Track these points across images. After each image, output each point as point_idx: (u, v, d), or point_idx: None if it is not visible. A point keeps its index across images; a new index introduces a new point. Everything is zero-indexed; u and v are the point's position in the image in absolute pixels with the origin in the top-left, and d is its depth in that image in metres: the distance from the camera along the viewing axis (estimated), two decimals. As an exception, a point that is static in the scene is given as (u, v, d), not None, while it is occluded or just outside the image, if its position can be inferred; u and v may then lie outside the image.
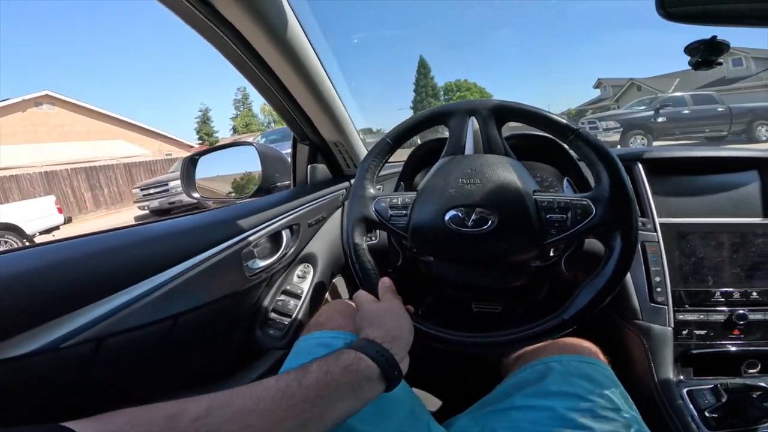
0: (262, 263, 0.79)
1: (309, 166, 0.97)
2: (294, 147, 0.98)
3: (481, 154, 0.59)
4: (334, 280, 1.05)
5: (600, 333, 0.86)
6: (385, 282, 0.59)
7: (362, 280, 0.61)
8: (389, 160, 0.67)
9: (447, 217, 0.56)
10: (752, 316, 0.73)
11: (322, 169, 1.00)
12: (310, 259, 0.93)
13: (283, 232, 0.85)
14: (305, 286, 0.89)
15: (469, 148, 0.60)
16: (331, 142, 0.95)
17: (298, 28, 0.71)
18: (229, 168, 1.04)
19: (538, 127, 0.57)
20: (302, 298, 0.88)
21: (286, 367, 0.58)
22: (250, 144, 0.99)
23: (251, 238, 0.76)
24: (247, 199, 0.98)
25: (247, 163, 0.99)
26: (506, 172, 0.56)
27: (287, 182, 1.02)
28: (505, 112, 0.59)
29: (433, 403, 1.03)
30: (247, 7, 0.60)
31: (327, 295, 1.00)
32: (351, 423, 0.48)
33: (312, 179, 0.98)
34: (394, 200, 0.61)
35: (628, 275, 0.77)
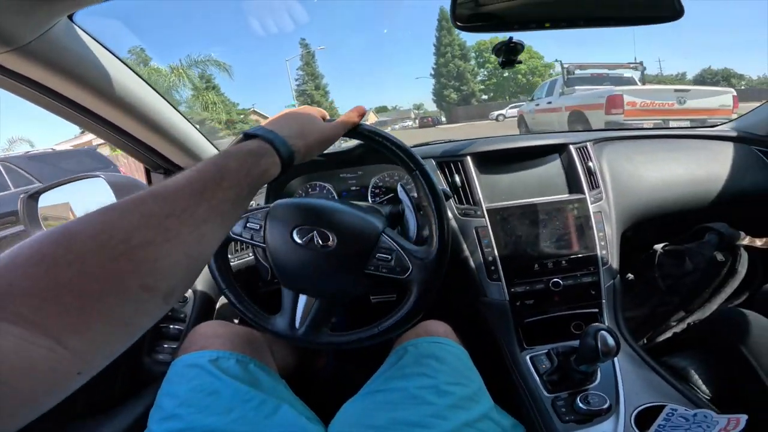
0: None
1: (168, 194, 0.94)
2: (148, 177, 0.94)
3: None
4: (222, 299, 1.06)
5: (458, 312, 0.98)
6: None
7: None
8: None
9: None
10: (564, 283, 0.83)
11: (184, 193, 0.97)
12: None
13: None
14: (187, 310, 0.90)
15: None
16: (186, 166, 0.93)
17: (111, 63, 0.68)
18: (78, 203, 0.97)
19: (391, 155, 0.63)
20: (186, 321, 0.89)
21: (161, 394, 0.61)
22: (97, 176, 0.93)
23: None
24: None
25: (99, 196, 0.93)
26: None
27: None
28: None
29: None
30: (37, 58, 0.55)
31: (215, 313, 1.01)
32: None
33: (175, 205, 0.96)
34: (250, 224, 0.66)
35: (470, 258, 0.88)
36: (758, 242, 1.21)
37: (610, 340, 0.59)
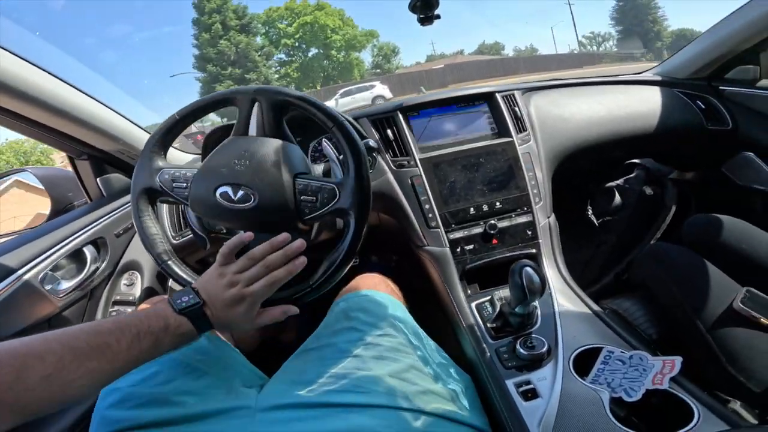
0: (70, 283, 0.80)
1: (99, 179, 0.93)
2: (73, 165, 0.92)
3: (257, 137, 0.64)
4: (170, 282, 1.05)
5: (409, 265, 0.99)
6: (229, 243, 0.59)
7: (146, 246, 0.64)
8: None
9: (218, 193, 0.61)
10: (500, 224, 0.85)
11: (117, 178, 0.96)
12: (134, 266, 0.94)
13: (84, 248, 0.84)
14: (136, 293, 0.92)
15: (252, 130, 0.65)
16: (114, 150, 0.91)
17: (6, 59, 0.68)
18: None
19: (309, 115, 0.62)
20: (136, 304, 0.90)
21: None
22: (23, 170, 0.90)
23: (44, 264, 0.75)
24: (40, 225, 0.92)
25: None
26: (275, 155, 0.61)
27: (84, 199, 0.96)
28: (285, 103, 0.63)
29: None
30: None
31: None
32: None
33: (108, 190, 0.94)
34: (177, 173, 0.64)
35: (408, 208, 0.89)
36: (687, 176, 1.28)
37: (535, 277, 0.59)
